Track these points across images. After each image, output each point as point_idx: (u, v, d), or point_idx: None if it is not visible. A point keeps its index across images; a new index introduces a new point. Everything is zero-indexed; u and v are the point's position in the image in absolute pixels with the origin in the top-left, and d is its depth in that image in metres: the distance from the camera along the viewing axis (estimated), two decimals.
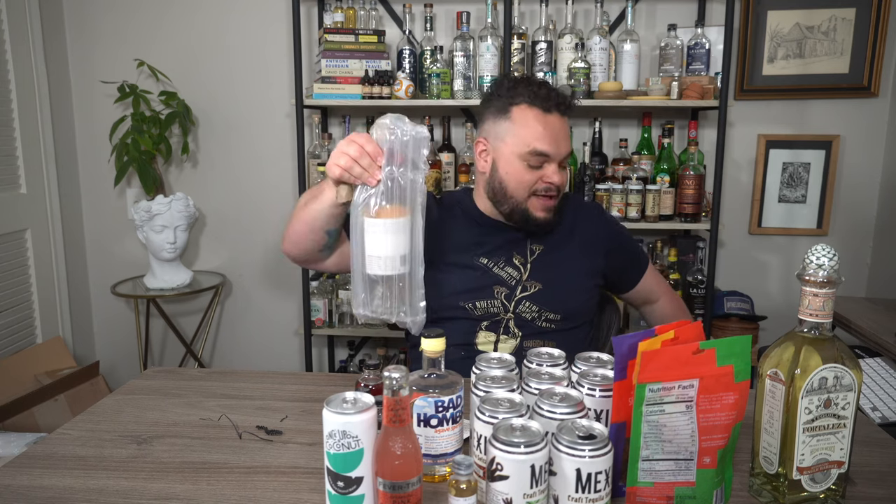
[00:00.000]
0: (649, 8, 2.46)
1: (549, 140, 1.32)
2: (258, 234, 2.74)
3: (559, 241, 1.43)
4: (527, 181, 1.34)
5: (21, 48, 2.42)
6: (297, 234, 1.29)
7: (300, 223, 1.27)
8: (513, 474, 0.73)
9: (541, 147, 1.32)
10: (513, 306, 1.36)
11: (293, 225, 1.30)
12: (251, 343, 2.83)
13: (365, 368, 0.95)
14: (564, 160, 1.37)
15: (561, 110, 1.35)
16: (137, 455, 0.99)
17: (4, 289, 2.37)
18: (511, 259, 1.40)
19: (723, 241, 2.56)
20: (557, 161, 1.35)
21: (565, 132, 1.37)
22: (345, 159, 1.07)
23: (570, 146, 1.39)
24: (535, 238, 1.42)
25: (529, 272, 1.39)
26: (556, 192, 1.36)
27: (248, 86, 2.63)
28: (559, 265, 1.41)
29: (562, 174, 1.36)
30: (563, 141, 1.35)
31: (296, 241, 1.30)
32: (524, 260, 1.40)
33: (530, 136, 1.33)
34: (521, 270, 1.39)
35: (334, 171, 1.10)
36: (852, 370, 0.80)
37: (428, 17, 2.33)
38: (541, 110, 1.34)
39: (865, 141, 2.47)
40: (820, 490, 0.83)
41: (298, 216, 1.28)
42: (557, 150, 1.34)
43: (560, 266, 1.41)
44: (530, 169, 1.34)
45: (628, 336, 0.80)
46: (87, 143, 2.72)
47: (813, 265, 0.80)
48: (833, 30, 2.38)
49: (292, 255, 1.35)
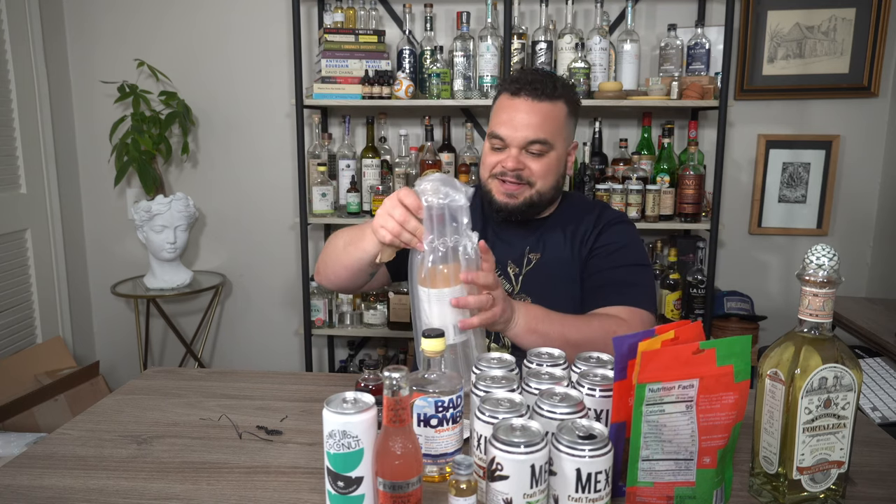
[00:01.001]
0: (649, 8, 2.46)
1: (507, 124, 1.29)
2: (258, 234, 2.74)
3: (556, 246, 1.38)
4: (488, 163, 1.34)
5: (21, 48, 2.42)
6: (337, 275, 1.31)
7: (340, 267, 1.28)
8: (513, 474, 0.73)
9: (497, 130, 1.30)
10: None
11: (332, 266, 1.31)
12: (251, 343, 2.83)
13: (365, 368, 0.95)
14: (529, 146, 1.29)
15: (531, 94, 1.28)
16: (137, 455, 0.99)
17: (4, 289, 2.37)
18: (506, 268, 1.38)
19: (723, 241, 2.56)
20: (516, 146, 1.29)
21: (534, 118, 1.28)
22: (392, 224, 1.07)
23: (539, 133, 1.28)
24: (534, 243, 1.38)
25: (521, 285, 1.37)
26: (517, 178, 1.30)
27: (248, 86, 2.63)
28: (551, 276, 1.36)
29: (519, 160, 1.29)
30: (525, 126, 1.28)
31: (334, 281, 1.33)
32: (518, 271, 1.37)
33: (494, 119, 1.33)
34: (513, 283, 1.37)
35: (384, 235, 1.09)
36: (852, 370, 0.80)
37: (428, 17, 2.33)
38: (508, 94, 1.32)
39: (865, 141, 2.47)
40: (820, 490, 0.83)
41: (338, 259, 1.28)
42: (513, 134, 1.28)
43: (552, 278, 1.36)
44: (493, 152, 1.33)
45: (628, 336, 0.80)
46: (87, 143, 2.72)
47: (813, 265, 0.80)
48: (833, 30, 2.38)
49: (327, 287, 1.39)
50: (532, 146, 1.29)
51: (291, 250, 2.73)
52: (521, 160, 1.30)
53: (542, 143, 1.29)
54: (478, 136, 2.54)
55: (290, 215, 2.68)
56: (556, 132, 1.31)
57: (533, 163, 1.30)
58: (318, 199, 2.37)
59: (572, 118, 1.36)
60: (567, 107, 1.33)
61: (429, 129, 2.38)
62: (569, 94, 1.34)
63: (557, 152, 1.32)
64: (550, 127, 1.30)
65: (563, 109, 1.32)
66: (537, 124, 1.29)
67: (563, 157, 1.35)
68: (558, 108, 1.31)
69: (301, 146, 2.39)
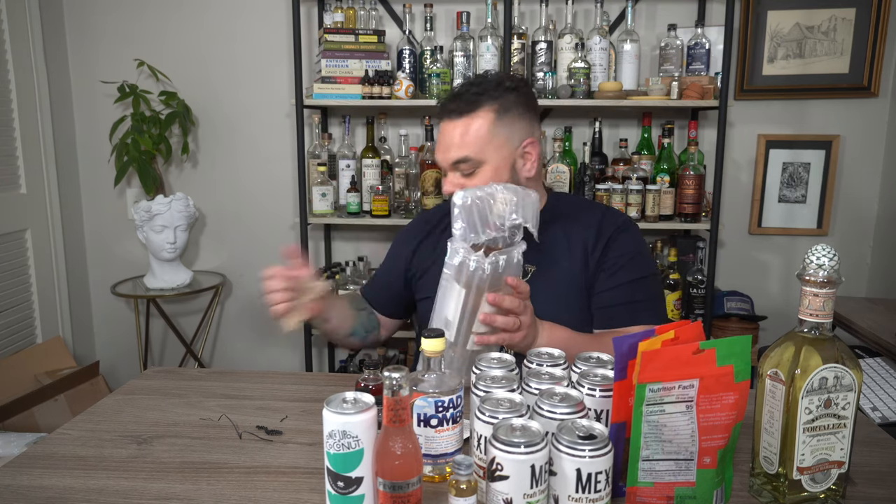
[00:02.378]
0: (649, 8, 2.46)
1: (437, 149, 1.30)
2: (258, 234, 2.74)
3: (553, 255, 1.31)
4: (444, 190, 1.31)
5: (21, 48, 2.42)
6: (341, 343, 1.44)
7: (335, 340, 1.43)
8: (513, 474, 0.73)
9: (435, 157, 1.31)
10: None
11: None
12: (251, 343, 2.83)
13: (365, 368, 0.95)
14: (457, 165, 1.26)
15: (448, 114, 1.26)
16: (137, 455, 0.99)
17: (4, 289, 2.37)
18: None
19: (723, 241, 2.56)
20: (446, 167, 1.28)
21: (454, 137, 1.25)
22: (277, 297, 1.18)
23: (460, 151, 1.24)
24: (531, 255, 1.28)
25: None
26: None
27: (248, 86, 2.63)
28: (549, 289, 1.28)
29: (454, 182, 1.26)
30: (446, 147, 1.26)
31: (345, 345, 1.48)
32: None
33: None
34: None
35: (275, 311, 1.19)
36: (852, 370, 0.80)
37: (428, 17, 2.33)
38: (438, 118, 1.32)
39: (865, 141, 2.47)
40: (820, 490, 0.83)
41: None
42: (440, 157, 1.28)
43: (549, 290, 1.28)
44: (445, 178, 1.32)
45: (628, 336, 0.80)
46: (87, 143, 2.72)
47: (813, 265, 0.80)
48: (833, 30, 2.38)
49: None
50: (459, 166, 1.26)
51: None
52: (455, 181, 1.27)
53: (464, 160, 1.25)
54: None
55: (290, 215, 2.68)
56: (480, 145, 1.24)
57: (466, 181, 1.26)
58: (318, 199, 2.37)
59: (507, 117, 1.26)
60: (493, 111, 1.25)
61: (429, 129, 2.38)
62: (494, 96, 1.25)
63: (492, 164, 1.25)
64: (472, 141, 1.24)
65: (488, 116, 1.24)
66: (457, 143, 1.25)
67: (502, 167, 1.26)
68: (478, 118, 1.24)
69: (301, 146, 2.39)
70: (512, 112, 1.26)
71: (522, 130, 1.28)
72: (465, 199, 1.08)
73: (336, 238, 2.73)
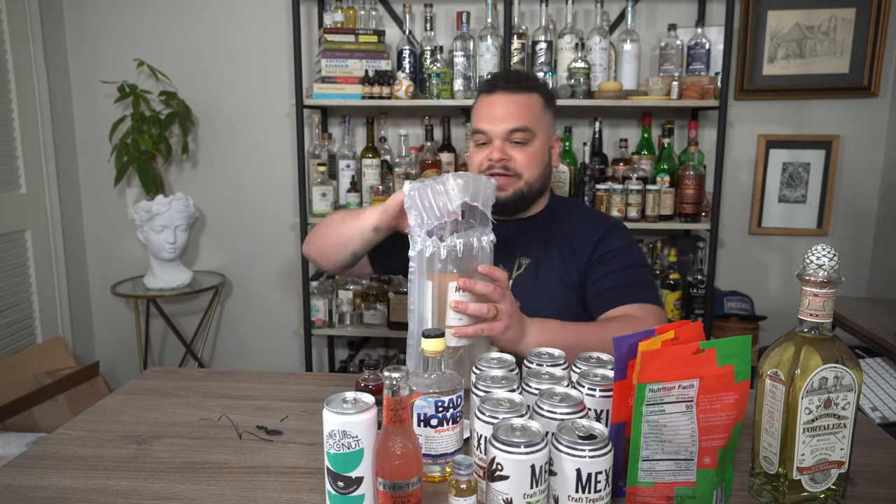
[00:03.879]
0: (649, 8, 2.46)
1: (487, 118, 1.34)
2: (258, 234, 2.74)
3: (548, 250, 1.37)
4: (475, 162, 1.37)
5: (21, 48, 2.42)
6: (326, 244, 1.34)
7: (332, 236, 1.32)
8: (513, 474, 0.73)
9: (478, 125, 1.35)
10: None
11: (323, 235, 1.35)
12: (251, 343, 2.83)
13: (365, 368, 0.95)
14: (512, 135, 1.32)
15: (505, 88, 1.34)
16: (137, 455, 0.99)
17: (4, 289, 2.37)
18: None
19: (723, 241, 2.56)
20: (499, 137, 1.32)
21: (512, 109, 1.33)
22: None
23: (520, 121, 1.32)
24: (525, 247, 1.37)
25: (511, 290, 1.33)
26: (504, 170, 1.32)
27: (248, 86, 2.63)
28: (541, 283, 1.35)
29: (504, 150, 1.32)
30: (504, 117, 1.32)
31: (321, 249, 1.36)
32: (508, 276, 1.34)
33: (475, 117, 1.39)
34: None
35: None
36: (852, 370, 0.80)
37: (428, 17, 2.33)
38: (486, 93, 1.38)
39: (865, 141, 2.47)
40: (820, 490, 0.83)
41: (332, 229, 1.33)
42: (494, 126, 1.33)
43: (542, 284, 1.34)
44: (477, 149, 1.37)
45: (628, 336, 0.80)
46: (87, 143, 2.72)
47: (813, 265, 0.80)
48: (833, 30, 2.38)
49: (310, 258, 1.41)
50: (514, 135, 1.33)
51: (291, 250, 2.73)
52: (506, 151, 1.33)
53: (523, 130, 1.32)
54: None
55: (290, 215, 2.68)
56: (535, 121, 1.34)
57: (517, 153, 1.33)
58: (318, 199, 2.37)
59: (549, 110, 1.40)
60: (542, 99, 1.37)
61: (429, 129, 2.38)
62: (543, 88, 1.39)
63: (540, 141, 1.35)
64: (529, 115, 1.34)
65: (539, 101, 1.36)
66: (516, 114, 1.33)
67: (545, 148, 1.38)
68: (533, 99, 1.35)
69: (301, 146, 2.39)
70: (550, 108, 1.41)
71: (552, 126, 1.43)
72: (414, 189, 1.06)
73: None
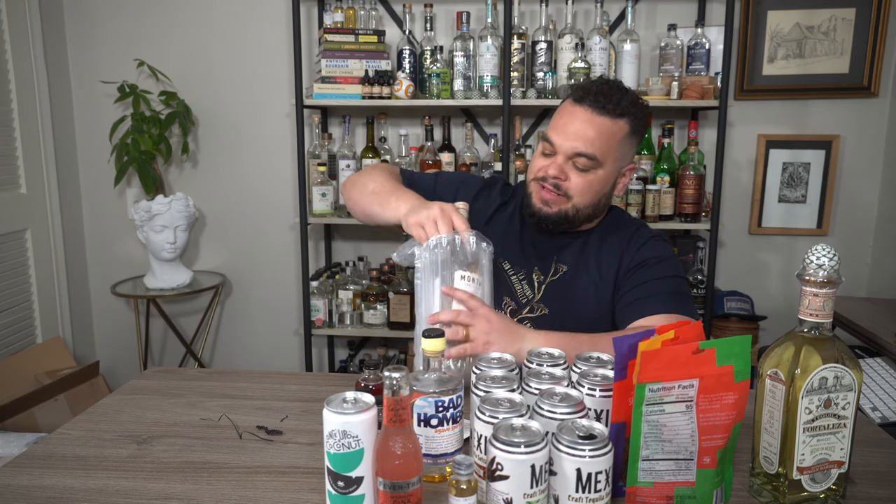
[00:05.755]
0: (649, 8, 2.46)
1: (560, 130, 1.25)
2: (258, 233, 2.74)
3: (585, 263, 1.32)
4: (535, 166, 1.29)
5: (21, 48, 2.42)
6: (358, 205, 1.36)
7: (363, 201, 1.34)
8: (513, 474, 0.73)
9: (549, 134, 1.26)
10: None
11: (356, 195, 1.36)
12: (251, 343, 2.83)
13: (365, 368, 0.95)
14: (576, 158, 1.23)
15: (592, 105, 1.23)
16: (137, 455, 0.99)
17: (4, 289, 2.37)
18: (531, 274, 1.33)
19: (723, 241, 2.56)
20: (563, 154, 1.24)
21: (589, 131, 1.22)
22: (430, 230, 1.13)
23: (589, 147, 1.22)
24: (563, 255, 1.33)
25: (542, 294, 1.31)
26: (555, 188, 1.25)
27: (248, 86, 2.63)
28: (574, 292, 1.30)
29: (563, 169, 1.24)
30: (576, 137, 1.22)
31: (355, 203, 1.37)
32: (543, 279, 1.32)
33: (552, 122, 1.29)
34: (535, 290, 1.32)
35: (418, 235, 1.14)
36: (852, 370, 0.80)
37: (428, 17, 2.33)
38: (572, 100, 1.26)
39: (865, 141, 2.47)
40: (820, 490, 0.83)
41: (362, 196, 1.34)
42: (562, 143, 1.23)
43: (575, 294, 1.30)
44: (542, 156, 1.29)
45: (628, 336, 0.80)
46: (87, 143, 2.72)
47: (813, 265, 0.80)
48: (833, 30, 2.38)
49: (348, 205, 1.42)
50: (578, 159, 1.24)
51: (291, 250, 2.73)
52: (565, 170, 1.25)
53: (588, 157, 1.23)
54: (477, 136, 2.54)
55: (290, 215, 2.68)
56: (607, 150, 1.24)
57: (576, 176, 1.25)
58: (318, 199, 2.37)
59: (633, 137, 1.28)
60: (630, 126, 1.25)
61: (429, 129, 2.38)
62: (635, 111, 1.26)
63: (605, 171, 1.26)
64: (603, 144, 1.23)
65: (624, 128, 1.25)
66: (590, 138, 1.23)
67: (610, 178, 1.28)
68: (618, 126, 1.24)
69: (301, 146, 2.39)
70: (636, 135, 1.29)
71: (631, 154, 1.32)
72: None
73: (336, 238, 2.74)
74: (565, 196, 1.26)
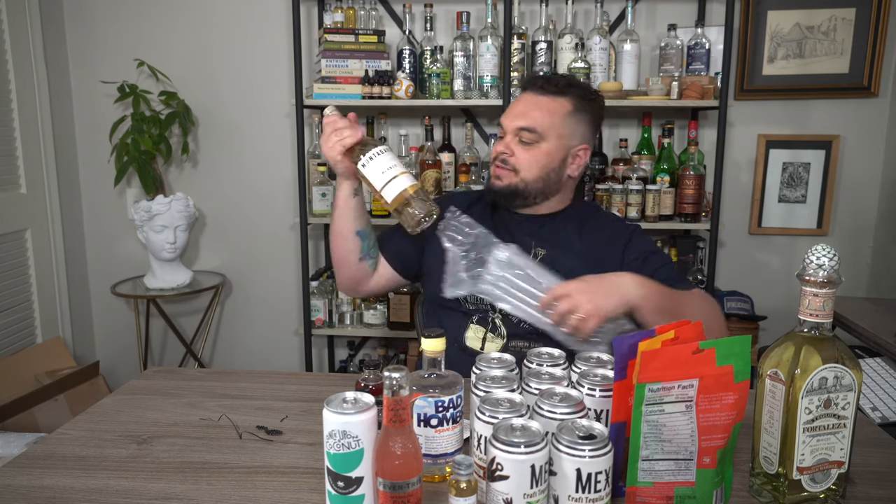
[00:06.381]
0: (649, 8, 2.46)
1: (507, 114, 1.39)
2: (258, 234, 2.74)
3: (564, 246, 1.39)
4: (494, 151, 1.41)
5: (21, 48, 2.42)
6: (335, 249, 1.42)
7: (334, 237, 1.41)
8: (513, 474, 0.73)
9: (501, 119, 1.41)
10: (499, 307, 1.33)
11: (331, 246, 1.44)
12: (251, 343, 2.83)
13: (365, 368, 0.95)
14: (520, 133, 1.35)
15: (533, 88, 1.38)
16: (137, 455, 0.99)
17: (4, 289, 2.37)
18: None
19: (723, 241, 2.56)
20: (509, 132, 1.37)
21: (529, 108, 1.36)
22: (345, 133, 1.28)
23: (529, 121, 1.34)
24: (540, 239, 1.39)
25: None
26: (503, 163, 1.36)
27: (248, 86, 2.63)
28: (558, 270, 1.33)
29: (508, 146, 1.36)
30: (518, 115, 1.36)
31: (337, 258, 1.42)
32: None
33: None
34: None
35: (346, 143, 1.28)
36: (852, 370, 0.80)
37: (428, 17, 2.33)
38: (520, 89, 1.44)
39: (865, 141, 2.47)
40: (820, 490, 0.83)
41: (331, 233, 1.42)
42: (507, 123, 1.37)
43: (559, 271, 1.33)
44: (498, 140, 1.42)
45: (628, 336, 0.80)
46: (87, 143, 2.72)
47: (813, 265, 0.80)
48: (833, 30, 2.38)
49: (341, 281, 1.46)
50: (522, 133, 1.35)
51: (291, 250, 2.73)
52: (511, 146, 1.36)
53: (529, 130, 1.34)
54: (478, 136, 2.54)
55: (290, 215, 2.68)
56: (548, 125, 1.34)
57: (520, 150, 1.36)
58: (318, 199, 2.37)
59: (579, 115, 1.37)
60: (572, 104, 1.36)
61: (429, 129, 2.38)
62: (577, 92, 1.38)
63: (549, 145, 1.35)
64: (543, 118, 1.35)
65: (566, 105, 1.36)
66: (531, 114, 1.35)
67: (556, 153, 1.36)
68: (558, 103, 1.36)
69: (301, 146, 2.39)
70: (584, 114, 1.39)
71: (584, 135, 1.40)
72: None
73: None
74: (513, 170, 1.36)
